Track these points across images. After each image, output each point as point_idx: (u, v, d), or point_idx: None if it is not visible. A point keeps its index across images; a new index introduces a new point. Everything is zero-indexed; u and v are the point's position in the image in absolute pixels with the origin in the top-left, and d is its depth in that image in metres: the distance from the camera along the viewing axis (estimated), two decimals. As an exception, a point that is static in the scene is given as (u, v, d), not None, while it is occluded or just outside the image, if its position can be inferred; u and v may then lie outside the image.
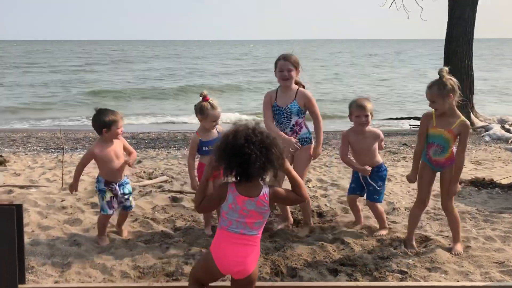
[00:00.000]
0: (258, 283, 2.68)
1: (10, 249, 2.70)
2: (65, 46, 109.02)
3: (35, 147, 9.66)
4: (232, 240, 2.54)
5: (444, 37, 11.92)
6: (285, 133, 4.25)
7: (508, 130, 10.52)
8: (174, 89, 23.68)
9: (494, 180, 6.22)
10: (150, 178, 6.34)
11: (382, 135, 4.32)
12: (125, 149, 4.12)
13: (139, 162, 7.59)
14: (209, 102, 4.07)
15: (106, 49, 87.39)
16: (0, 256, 2.69)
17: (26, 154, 8.61)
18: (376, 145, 4.28)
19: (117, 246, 3.96)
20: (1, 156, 7.45)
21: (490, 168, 7.28)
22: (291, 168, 2.66)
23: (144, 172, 6.73)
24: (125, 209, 4.14)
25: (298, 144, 4.26)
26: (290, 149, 4.20)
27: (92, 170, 6.74)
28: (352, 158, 4.34)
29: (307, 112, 4.36)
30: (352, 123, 4.26)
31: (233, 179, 2.57)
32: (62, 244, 3.93)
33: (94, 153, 3.95)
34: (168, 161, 7.70)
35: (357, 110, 4.15)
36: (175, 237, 4.12)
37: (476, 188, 5.96)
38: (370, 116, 4.18)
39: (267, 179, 2.65)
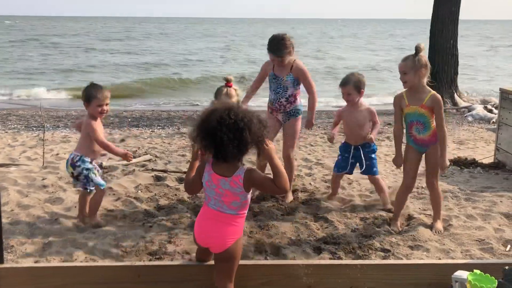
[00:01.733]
0: (241, 262, 2.66)
1: (-12, 228, 2.64)
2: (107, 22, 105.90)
3: (15, 125, 9.47)
4: (210, 216, 2.56)
5: (430, 17, 11.91)
6: (281, 102, 4.49)
7: (490, 111, 10.63)
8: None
9: (476, 159, 6.29)
10: (133, 157, 6.25)
11: (377, 117, 4.43)
12: None
13: (122, 140, 7.51)
14: (228, 88, 3.98)
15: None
16: (-23, 236, 2.63)
17: (6, 132, 8.43)
18: (369, 121, 4.40)
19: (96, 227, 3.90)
20: (-21, 134, 7.28)
21: (473, 148, 7.37)
22: (274, 155, 2.50)
23: (128, 150, 6.63)
24: (100, 187, 3.95)
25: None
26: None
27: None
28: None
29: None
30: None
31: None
32: (43, 223, 3.86)
33: (91, 123, 3.82)
34: (152, 140, 7.63)
35: (340, 86, 4.36)
36: (159, 216, 4.08)
37: (459, 168, 6.03)
38: (353, 94, 4.32)
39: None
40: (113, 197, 4.53)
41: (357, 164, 4.51)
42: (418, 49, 3.70)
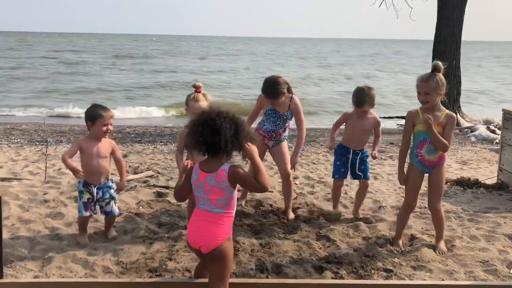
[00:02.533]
0: (243, 280, 2.65)
1: (-12, 242, 2.63)
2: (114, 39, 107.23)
3: (18, 140, 9.50)
4: (200, 217, 2.70)
5: (432, 37, 12.00)
6: (278, 132, 4.72)
7: (493, 131, 10.61)
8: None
9: (479, 180, 6.27)
10: (135, 173, 6.26)
11: (380, 129, 4.56)
12: (114, 154, 3.96)
13: (125, 156, 7.51)
14: (196, 93, 3.96)
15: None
16: (-23, 250, 2.61)
17: (9, 147, 8.45)
18: (371, 132, 4.54)
19: (99, 241, 3.89)
20: (-17, 148, 7.30)
21: (475, 168, 7.33)
22: (256, 155, 2.71)
23: (129, 166, 6.64)
24: (106, 215, 3.96)
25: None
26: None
27: (77, 164, 6.66)
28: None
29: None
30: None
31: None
32: (43, 238, 3.85)
33: (80, 143, 3.83)
34: (154, 156, 7.63)
35: (354, 105, 4.43)
36: (160, 233, 4.06)
37: (462, 188, 5.99)
38: (368, 111, 4.44)
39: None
40: (114, 213, 4.51)
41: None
42: (437, 68, 3.66)
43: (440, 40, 11.72)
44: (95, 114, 3.76)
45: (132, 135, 10.38)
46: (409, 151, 3.94)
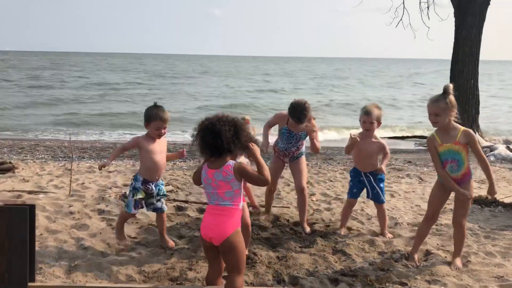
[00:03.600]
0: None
1: (22, 248, 2.79)
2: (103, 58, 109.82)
3: (43, 155, 9.80)
4: (210, 211, 2.98)
5: (450, 57, 12.06)
6: (292, 151, 4.93)
7: (513, 151, 10.55)
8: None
9: (497, 199, 6.26)
10: (156, 188, 6.42)
11: (387, 149, 4.61)
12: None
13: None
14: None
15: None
16: (12, 254, 2.77)
17: (34, 162, 8.74)
18: (378, 154, 4.59)
19: (120, 253, 4.02)
20: (10, 162, 7.57)
21: (494, 187, 7.31)
22: (258, 153, 3.03)
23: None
24: (156, 211, 4.11)
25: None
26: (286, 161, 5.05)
27: (98, 179, 6.88)
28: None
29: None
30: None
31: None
32: (70, 247, 4.02)
33: (138, 140, 3.97)
34: (174, 172, 7.80)
35: (364, 115, 4.52)
36: (180, 244, 4.19)
37: (479, 206, 6.00)
38: (375, 123, 4.49)
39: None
40: (136, 225, 4.67)
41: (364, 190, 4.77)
42: (447, 90, 3.76)
43: (457, 60, 11.78)
44: (150, 115, 3.89)
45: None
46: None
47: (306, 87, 37.91)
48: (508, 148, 10.85)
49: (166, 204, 4.23)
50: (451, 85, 3.80)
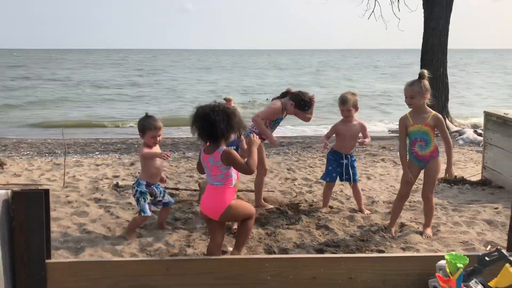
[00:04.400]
0: (254, 256, 3.11)
1: (39, 228, 3.06)
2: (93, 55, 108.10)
3: (27, 152, 9.93)
4: (208, 190, 3.39)
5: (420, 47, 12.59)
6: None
7: (480, 134, 11.14)
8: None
9: (465, 177, 6.76)
10: (145, 178, 6.71)
11: (366, 126, 5.09)
12: None
13: (132, 164, 7.96)
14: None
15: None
16: (31, 235, 3.05)
17: (21, 158, 8.88)
18: (359, 134, 5.00)
19: (121, 235, 4.32)
20: (-1, 159, 7.73)
21: (462, 168, 7.84)
22: (254, 146, 3.36)
23: (139, 172, 7.08)
24: (166, 205, 4.41)
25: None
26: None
27: (88, 172, 7.12)
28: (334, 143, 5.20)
29: None
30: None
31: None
32: (73, 232, 4.31)
33: (144, 153, 4.25)
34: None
35: (341, 105, 4.95)
36: (176, 226, 4.52)
37: (449, 185, 6.48)
38: (353, 110, 4.90)
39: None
40: (132, 211, 4.97)
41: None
42: (422, 75, 4.19)
43: (427, 50, 12.30)
44: (144, 126, 4.16)
45: (136, 145, 10.83)
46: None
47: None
48: (475, 132, 11.47)
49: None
50: (425, 71, 4.23)
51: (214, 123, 3.20)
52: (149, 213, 4.23)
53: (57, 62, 69.17)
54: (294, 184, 6.46)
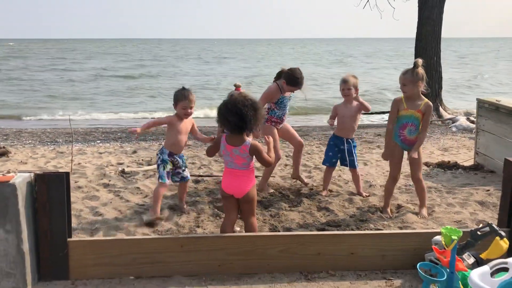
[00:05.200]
0: (262, 233, 3.35)
1: (61, 208, 3.26)
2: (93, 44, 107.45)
3: (29, 141, 10.08)
4: (230, 173, 3.56)
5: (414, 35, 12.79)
6: (286, 115, 5.45)
7: (472, 122, 11.41)
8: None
9: (458, 162, 7.02)
10: (149, 165, 6.90)
11: (366, 104, 5.29)
12: (192, 130, 4.54)
13: (134, 152, 8.14)
14: (236, 92, 4.59)
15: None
16: (53, 214, 3.25)
17: (24, 147, 9.03)
18: (359, 116, 5.25)
19: (133, 217, 4.53)
20: (3, 147, 7.88)
21: (455, 154, 8.09)
22: (273, 144, 3.63)
23: (142, 159, 7.29)
24: (183, 180, 4.58)
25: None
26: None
27: (92, 159, 7.30)
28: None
29: None
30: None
31: (226, 133, 3.53)
32: (87, 215, 4.51)
33: (171, 118, 4.40)
34: (162, 151, 8.26)
35: (342, 84, 5.18)
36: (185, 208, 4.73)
37: (442, 170, 6.73)
38: (353, 89, 5.13)
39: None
40: (141, 195, 5.18)
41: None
42: (416, 64, 4.38)
43: (421, 38, 12.50)
44: (178, 97, 4.33)
45: (136, 134, 10.99)
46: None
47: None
48: (468, 119, 11.73)
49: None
50: (420, 60, 4.43)
51: (245, 116, 3.35)
52: (166, 180, 4.37)
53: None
54: (294, 170, 6.68)
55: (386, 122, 10.64)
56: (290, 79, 5.13)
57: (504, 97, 7.04)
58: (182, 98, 4.31)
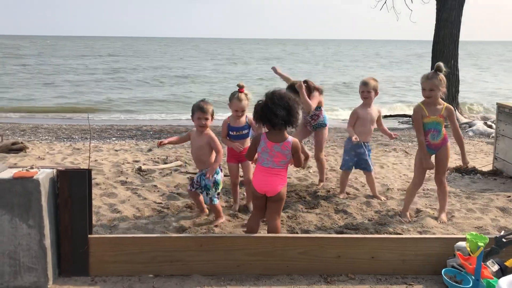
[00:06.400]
0: (282, 234, 3.35)
1: (83, 205, 3.28)
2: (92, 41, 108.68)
3: (46, 137, 10.18)
4: (264, 172, 3.55)
5: (432, 38, 12.68)
6: (307, 120, 5.60)
7: (490, 126, 11.29)
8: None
9: (476, 167, 6.92)
10: (165, 163, 6.92)
11: (381, 111, 5.36)
12: (211, 144, 4.20)
13: (150, 150, 8.17)
14: (239, 93, 4.54)
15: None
16: (74, 211, 3.27)
17: (40, 143, 9.12)
18: (375, 119, 5.23)
19: (150, 215, 4.54)
20: (21, 143, 7.96)
21: (473, 159, 7.99)
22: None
23: (158, 158, 7.31)
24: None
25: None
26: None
27: (108, 157, 7.34)
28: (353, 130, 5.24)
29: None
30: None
31: (266, 130, 3.55)
32: (105, 212, 4.52)
33: (190, 132, 4.33)
34: (177, 150, 8.25)
35: (362, 86, 5.16)
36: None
37: (460, 174, 6.65)
38: (373, 92, 5.10)
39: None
40: (158, 193, 5.19)
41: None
42: (440, 69, 4.33)
43: (438, 41, 12.39)
44: (193, 108, 4.20)
45: (151, 132, 11.07)
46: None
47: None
48: (485, 124, 11.59)
49: (215, 197, 4.29)
50: (441, 64, 4.37)
51: (292, 110, 3.39)
52: (188, 187, 4.46)
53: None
54: (309, 172, 6.65)
55: (402, 126, 10.57)
56: (293, 91, 5.11)
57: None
58: (196, 109, 4.17)
